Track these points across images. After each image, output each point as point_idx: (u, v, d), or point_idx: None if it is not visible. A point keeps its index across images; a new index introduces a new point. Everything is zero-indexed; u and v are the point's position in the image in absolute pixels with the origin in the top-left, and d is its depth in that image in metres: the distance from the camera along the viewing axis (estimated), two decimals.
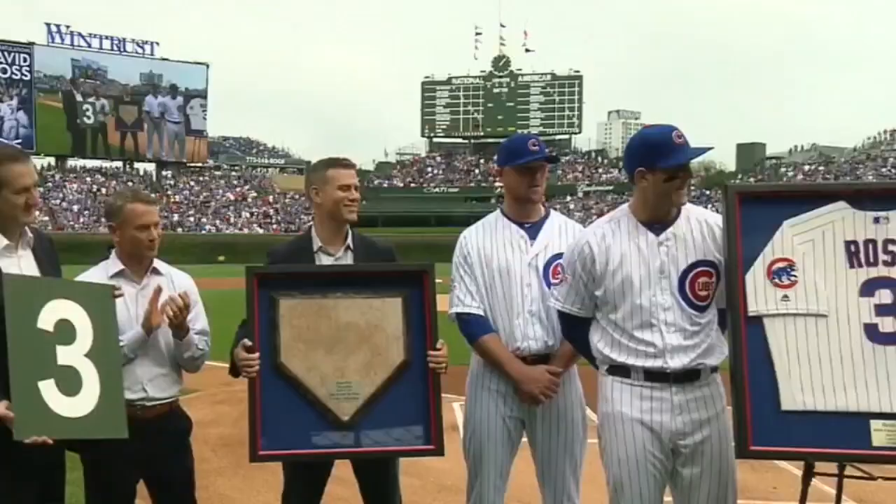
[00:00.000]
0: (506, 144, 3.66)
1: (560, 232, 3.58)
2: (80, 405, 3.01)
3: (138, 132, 71.80)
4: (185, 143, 73.46)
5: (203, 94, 74.70)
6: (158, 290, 3.36)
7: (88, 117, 69.72)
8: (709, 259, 3.13)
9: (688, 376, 3.08)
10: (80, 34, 70.07)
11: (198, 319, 3.55)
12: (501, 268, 3.52)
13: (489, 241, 3.58)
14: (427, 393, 3.30)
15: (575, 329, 3.30)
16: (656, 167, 3.06)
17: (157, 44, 73.20)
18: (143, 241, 3.42)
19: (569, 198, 72.25)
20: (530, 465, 3.63)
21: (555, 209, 3.85)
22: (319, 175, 3.57)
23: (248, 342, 3.20)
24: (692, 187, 70.82)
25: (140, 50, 72.34)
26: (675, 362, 3.06)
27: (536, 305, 3.48)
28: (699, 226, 3.18)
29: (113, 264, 3.50)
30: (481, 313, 3.52)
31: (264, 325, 3.22)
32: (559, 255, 3.45)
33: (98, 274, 3.46)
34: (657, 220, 3.15)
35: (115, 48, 71.24)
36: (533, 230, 3.57)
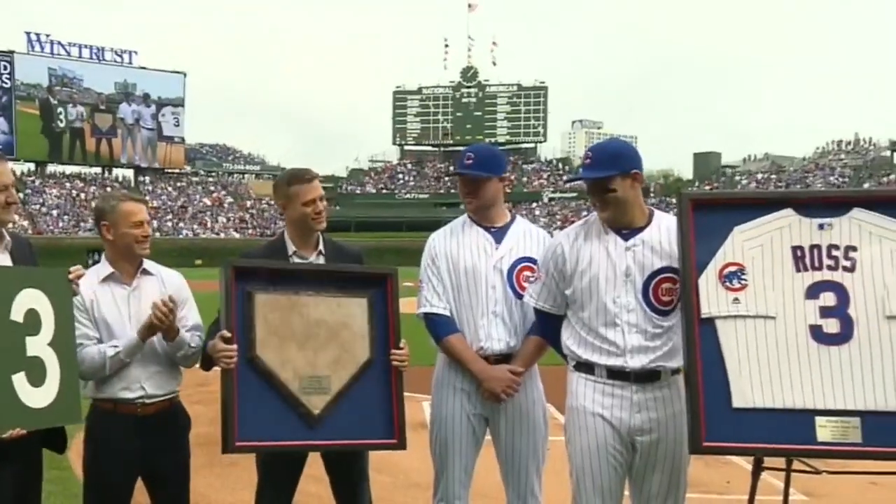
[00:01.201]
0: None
1: (525, 236, 3.60)
2: (44, 395, 2.94)
3: (113, 138, 71.38)
4: (157, 149, 73.00)
5: (180, 103, 74.17)
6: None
7: (64, 123, 68.96)
8: (674, 266, 3.16)
9: (648, 376, 3.12)
10: (59, 43, 69.29)
11: (190, 316, 3.51)
12: (468, 270, 3.52)
13: (456, 244, 3.59)
14: (390, 390, 3.33)
15: (548, 325, 3.34)
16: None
17: (136, 53, 72.81)
18: (136, 236, 3.38)
19: (534, 204, 72.55)
20: (496, 462, 3.63)
21: (521, 215, 3.86)
22: (283, 192, 3.54)
23: (226, 333, 3.15)
24: (651, 194, 71.30)
25: (119, 59, 71.86)
26: (635, 362, 3.10)
27: (500, 307, 3.49)
28: (668, 234, 3.22)
29: (103, 268, 3.45)
30: (447, 313, 3.53)
31: (240, 319, 3.18)
32: (524, 259, 3.48)
33: (89, 280, 3.36)
34: (625, 225, 3.19)
35: (94, 57, 70.68)
36: (498, 234, 3.58)
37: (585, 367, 3.16)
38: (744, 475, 3.22)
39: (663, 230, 3.22)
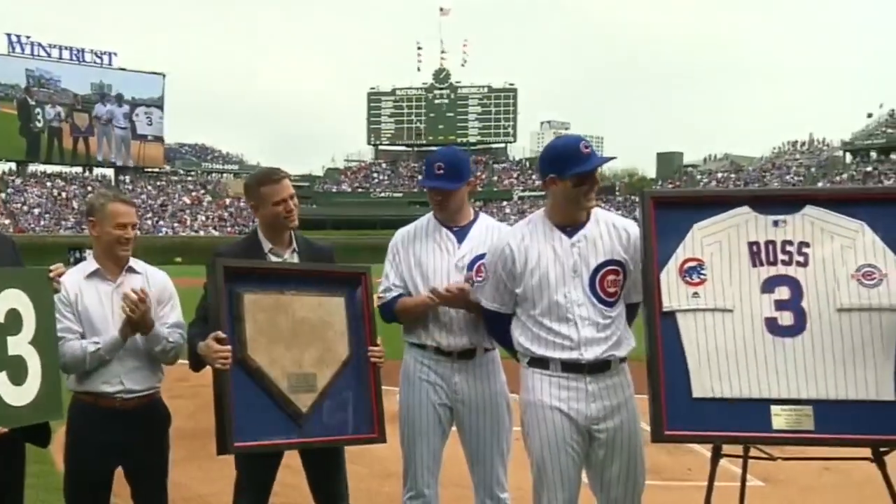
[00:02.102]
0: (427, 158, 3.69)
1: (487, 233, 3.60)
2: (25, 393, 2.91)
3: (90, 137, 70.54)
4: (130, 147, 72.30)
5: (158, 103, 73.38)
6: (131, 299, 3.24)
7: (42, 123, 68.02)
8: (616, 259, 3.19)
9: (600, 367, 3.14)
10: (39, 44, 68.20)
11: (172, 313, 3.47)
12: (428, 267, 3.53)
13: (419, 243, 3.59)
14: (369, 385, 3.33)
15: (496, 324, 3.34)
16: (566, 174, 3.13)
17: (115, 54, 71.92)
18: (118, 237, 3.34)
19: (505, 203, 72.64)
20: (462, 451, 3.63)
21: (491, 213, 3.86)
22: (254, 193, 3.49)
23: (221, 334, 3.07)
24: (617, 192, 71.71)
25: (98, 60, 70.94)
26: (589, 354, 3.11)
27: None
28: (607, 228, 3.25)
29: (89, 264, 3.42)
30: (391, 296, 3.54)
31: (230, 319, 3.13)
32: (481, 256, 3.48)
33: (74, 276, 3.35)
34: (569, 223, 3.21)
35: (73, 58, 69.75)
36: (461, 233, 3.58)
37: (540, 362, 3.17)
38: (704, 462, 3.25)
39: (602, 225, 3.24)
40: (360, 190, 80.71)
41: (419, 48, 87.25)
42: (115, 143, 71.53)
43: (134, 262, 3.47)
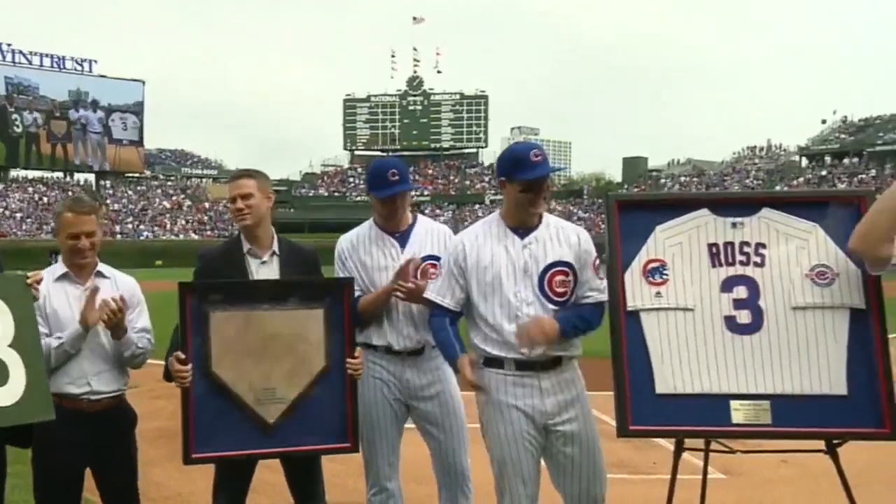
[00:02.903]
0: (373, 168, 3.64)
1: (427, 235, 3.61)
2: (8, 394, 2.89)
3: (67, 143, 69.71)
4: (106, 151, 71.59)
5: (132, 109, 72.62)
6: (95, 290, 3.22)
7: (21, 129, 67.05)
8: (564, 260, 3.19)
9: (552, 364, 3.15)
10: (20, 52, 67.17)
11: (140, 319, 3.42)
12: (375, 272, 3.53)
13: (363, 249, 3.60)
14: (345, 396, 3.27)
15: (440, 320, 3.28)
16: (514, 178, 3.14)
17: (96, 62, 71.11)
18: (71, 247, 3.28)
19: (477, 206, 72.73)
20: (421, 446, 3.65)
21: (464, 216, 3.87)
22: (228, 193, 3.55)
23: (181, 355, 3.12)
24: (585, 195, 72.04)
25: (79, 67, 70.08)
26: (541, 355, 3.10)
27: (407, 305, 3.50)
28: (556, 232, 3.25)
29: (58, 267, 3.37)
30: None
31: (197, 337, 3.15)
32: (427, 257, 3.49)
33: (45, 277, 3.28)
34: (521, 225, 3.21)
35: (55, 65, 68.87)
36: (402, 238, 3.59)
37: (495, 362, 3.17)
38: (669, 456, 3.26)
39: (552, 228, 3.25)
40: (336, 194, 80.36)
41: (393, 56, 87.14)
42: (90, 147, 70.82)
43: (102, 267, 3.41)
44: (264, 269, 3.44)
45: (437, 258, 3.44)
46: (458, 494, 3.59)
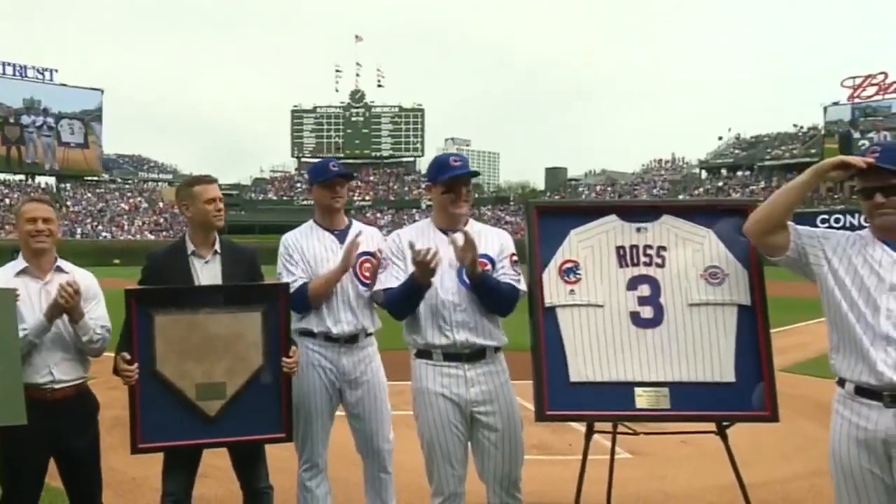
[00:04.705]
0: (315, 165, 3.74)
1: (366, 234, 3.61)
2: None
3: (21, 145, 67.69)
4: (56, 152, 69.33)
5: (80, 117, 70.50)
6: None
7: None
8: (485, 253, 3.15)
9: (476, 355, 3.13)
10: None
11: (97, 309, 3.32)
12: (319, 264, 3.55)
13: (307, 243, 3.62)
14: (280, 391, 3.26)
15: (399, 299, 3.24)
16: (437, 181, 3.18)
17: (56, 71, 68.89)
18: (29, 231, 3.22)
19: (414, 210, 72.63)
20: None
21: (402, 220, 3.86)
22: (187, 192, 3.42)
23: (126, 355, 3.11)
24: (511, 202, 72.41)
25: (40, 76, 67.89)
26: (461, 336, 3.09)
27: (346, 295, 3.52)
28: (480, 231, 3.24)
29: (19, 262, 3.28)
30: (300, 283, 3.51)
31: (143, 338, 3.15)
32: (363, 253, 3.52)
33: (5, 272, 3.24)
34: (448, 226, 3.20)
35: (17, 74, 66.46)
36: (341, 235, 3.62)
37: (424, 353, 3.16)
38: (582, 438, 3.30)
39: (476, 229, 3.22)
40: (284, 198, 78.99)
41: (337, 71, 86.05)
42: (41, 149, 68.95)
43: (62, 263, 3.34)
44: (207, 267, 3.38)
45: (372, 254, 3.50)
46: (380, 472, 3.63)
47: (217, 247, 3.43)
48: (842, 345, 2.54)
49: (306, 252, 3.58)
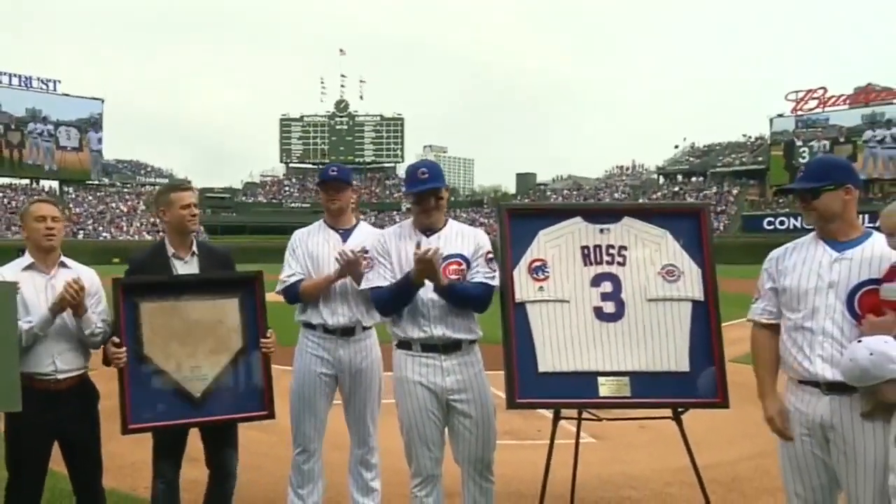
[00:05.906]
0: (321, 169, 3.80)
1: (365, 235, 3.62)
2: None
3: (23, 149, 67.12)
4: (54, 155, 68.66)
5: (76, 125, 69.81)
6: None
7: None
8: (460, 253, 3.12)
9: (452, 347, 3.10)
10: None
11: (98, 304, 3.29)
12: (320, 259, 3.57)
13: (312, 240, 3.66)
14: (260, 371, 3.26)
15: (378, 292, 3.20)
16: (407, 191, 3.18)
17: (59, 81, 68.11)
18: (39, 230, 3.19)
19: (395, 212, 72.47)
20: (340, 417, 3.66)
21: (382, 221, 3.85)
22: (165, 199, 3.38)
23: (115, 339, 3.11)
24: (485, 205, 72.43)
25: (44, 87, 67.35)
26: (438, 331, 3.06)
27: (343, 289, 3.53)
28: (459, 231, 3.20)
29: (25, 259, 3.25)
30: (294, 279, 3.55)
31: (130, 325, 3.15)
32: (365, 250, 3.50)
33: (12, 268, 3.21)
34: (427, 228, 3.16)
35: (22, 84, 65.81)
36: (345, 234, 3.65)
37: (404, 344, 3.14)
38: (550, 424, 3.31)
39: (454, 230, 3.19)
40: (274, 201, 78.42)
41: (322, 83, 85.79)
42: (41, 152, 68.26)
43: (66, 259, 3.31)
44: (187, 267, 3.37)
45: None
46: (367, 454, 3.65)
47: (195, 248, 3.42)
48: (787, 337, 2.59)
49: (309, 249, 3.63)
